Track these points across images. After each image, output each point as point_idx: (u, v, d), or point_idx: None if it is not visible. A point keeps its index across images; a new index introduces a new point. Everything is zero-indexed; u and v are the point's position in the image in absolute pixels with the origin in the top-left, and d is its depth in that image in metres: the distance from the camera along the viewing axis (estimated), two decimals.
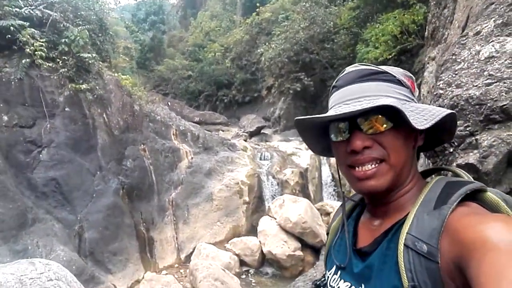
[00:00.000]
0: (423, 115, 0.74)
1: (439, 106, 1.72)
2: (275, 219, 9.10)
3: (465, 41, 1.81)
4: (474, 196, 0.72)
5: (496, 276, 0.52)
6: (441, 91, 1.67)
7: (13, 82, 7.25)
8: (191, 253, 8.78)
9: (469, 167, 1.50)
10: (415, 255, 0.67)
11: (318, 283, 0.99)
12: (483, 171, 1.47)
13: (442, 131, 0.83)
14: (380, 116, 0.75)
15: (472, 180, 0.79)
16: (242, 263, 8.64)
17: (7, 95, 7.18)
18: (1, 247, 5.92)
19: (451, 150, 1.56)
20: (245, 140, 14.94)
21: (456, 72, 1.70)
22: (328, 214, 9.64)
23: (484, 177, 1.48)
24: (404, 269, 0.67)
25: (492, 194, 0.72)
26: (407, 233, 0.70)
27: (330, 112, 0.80)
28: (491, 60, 1.59)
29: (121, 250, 7.79)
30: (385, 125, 0.76)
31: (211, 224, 9.80)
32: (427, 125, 0.71)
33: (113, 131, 8.90)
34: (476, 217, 0.65)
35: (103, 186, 8.07)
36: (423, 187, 0.78)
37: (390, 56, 14.14)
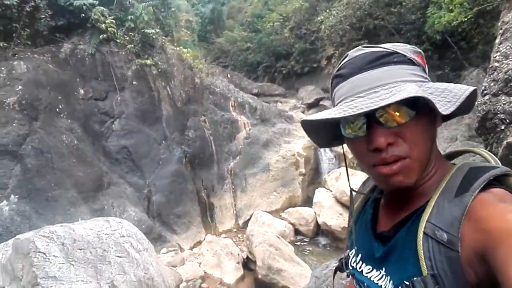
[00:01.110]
0: (444, 97, 0.68)
1: (493, 80, 1.60)
2: (331, 191, 9.09)
3: None
4: (499, 181, 0.68)
5: None
6: (496, 64, 1.55)
7: (87, 58, 7.95)
8: (248, 219, 9.17)
9: None
10: (434, 243, 0.66)
11: (344, 260, 0.98)
12: None
13: (460, 107, 0.75)
14: (400, 106, 0.68)
15: (499, 164, 0.74)
16: (297, 232, 8.85)
17: (82, 70, 7.91)
18: (82, 206, 6.73)
19: (503, 127, 1.46)
20: (303, 112, 14.82)
21: None
22: None
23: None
24: (423, 257, 0.66)
25: None
26: (427, 221, 0.68)
27: (343, 108, 0.69)
28: None
29: (184, 214, 8.42)
30: (408, 116, 0.70)
31: (268, 194, 10.10)
32: (452, 109, 0.66)
33: (176, 103, 9.41)
34: (502, 205, 0.62)
35: (168, 155, 8.67)
36: (446, 173, 0.75)
37: (466, 19, 12.79)
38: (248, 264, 7.31)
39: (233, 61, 23.36)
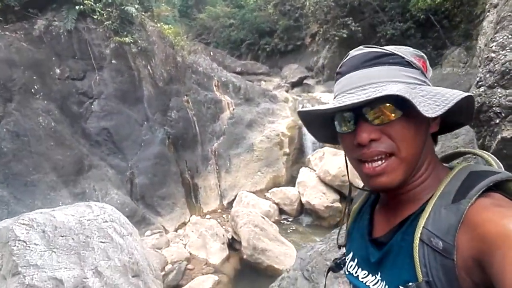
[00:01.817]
0: (435, 101, 0.68)
1: (489, 71, 1.56)
2: (315, 171, 9.19)
3: None
4: (499, 186, 0.67)
5: None
6: (493, 55, 1.51)
7: (62, 36, 7.58)
8: (233, 200, 9.22)
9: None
10: (430, 250, 0.65)
11: (338, 261, 0.99)
12: None
13: (459, 114, 0.76)
14: (388, 104, 0.69)
15: (501, 168, 0.74)
16: (281, 211, 8.97)
17: (58, 49, 7.56)
18: (62, 190, 6.59)
19: (497, 121, 1.45)
20: (287, 91, 14.72)
21: None
22: None
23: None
24: (419, 264, 0.66)
25: None
26: (423, 227, 0.68)
27: (334, 103, 0.73)
28: None
29: (168, 195, 8.38)
30: (393, 114, 0.70)
31: (252, 174, 10.13)
32: (439, 112, 0.65)
33: (158, 83, 9.17)
34: (498, 209, 0.61)
35: (150, 136, 8.51)
36: (444, 177, 0.73)
37: None
38: (233, 244, 7.39)
39: (215, 38, 22.79)
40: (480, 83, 1.54)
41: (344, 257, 0.97)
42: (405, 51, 0.76)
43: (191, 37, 17.87)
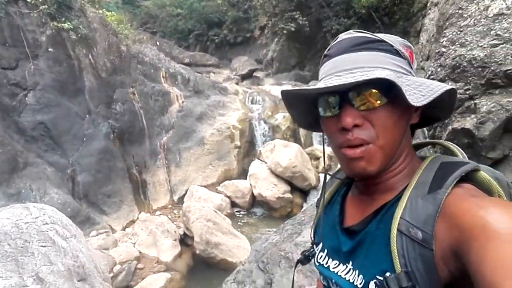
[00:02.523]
0: (420, 91, 0.68)
1: (440, 65, 1.64)
2: (266, 163, 9.28)
3: None
4: (467, 175, 0.69)
5: (504, 266, 0.50)
6: (443, 49, 1.59)
7: None
8: (184, 195, 9.03)
9: (464, 132, 1.48)
10: (408, 241, 0.65)
11: (307, 253, 0.98)
12: (479, 137, 1.45)
13: (439, 108, 0.77)
14: (374, 90, 0.69)
15: (466, 158, 0.76)
16: (233, 204, 8.96)
17: None
18: None
19: None
20: (237, 84, 14.66)
21: (461, 29, 1.61)
22: (317, 158, 9.83)
23: (479, 143, 1.47)
24: (397, 254, 0.66)
25: (484, 173, 0.69)
26: (400, 217, 0.67)
27: (319, 84, 0.72)
28: (499, 17, 1.49)
29: (115, 192, 7.97)
30: (379, 101, 0.69)
31: (203, 168, 9.98)
32: (424, 102, 0.65)
33: (100, 73, 8.62)
34: (474, 200, 0.62)
35: (93, 130, 8.00)
36: (417, 168, 0.75)
37: None
38: (185, 240, 7.25)
39: (162, 28, 21.96)
40: (432, 76, 1.62)
41: (312, 249, 0.97)
42: (394, 40, 0.75)
43: (136, 25, 17.06)
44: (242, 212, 8.90)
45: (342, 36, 0.78)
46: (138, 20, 20.93)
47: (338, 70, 0.72)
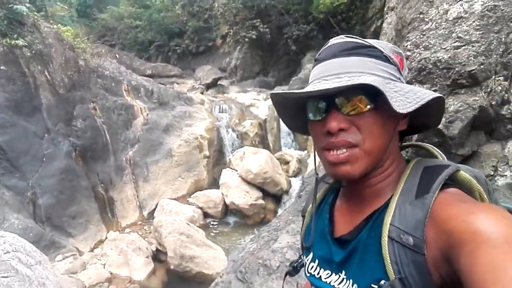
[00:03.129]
0: (407, 97, 0.68)
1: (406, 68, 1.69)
2: (236, 171, 9.24)
3: None
4: (450, 177, 0.70)
5: (494, 271, 0.51)
6: (408, 53, 1.64)
7: None
8: (154, 209, 8.80)
9: (435, 132, 1.52)
10: (400, 247, 0.65)
11: (295, 265, 0.96)
12: (449, 136, 1.50)
13: (428, 116, 0.78)
14: (361, 95, 0.69)
15: (445, 158, 0.78)
16: (206, 215, 8.83)
17: None
18: None
19: None
20: (202, 93, 14.55)
21: (424, 33, 1.67)
22: (287, 162, 9.93)
23: (449, 141, 1.52)
24: (390, 261, 0.65)
25: (464, 173, 0.71)
26: (390, 224, 0.68)
27: (308, 88, 0.73)
28: (459, 21, 1.56)
29: (80, 213, 7.61)
30: (365, 106, 0.70)
31: (172, 180, 9.78)
32: (410, 109, 0.66)
33: (58, 90, 8.25)
34: (462, 205, 0.63)
35: (53, 149, 7.63)
36: (402, 173, 0.75)
37: (346, 1, 13.99)
38: (158, 256, 7.05)
39: (121, 40, 21.44)
40: None
41: (301, 260, 0.95)
42: (384, 46, 0.75)
43: (93, 38, 16.52)
44: (215, 222, 8.78)
45: (333, 41, 0.78)
46: (95, 33, 20.32)
47: (326, 74, 0.72)
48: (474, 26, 1.57)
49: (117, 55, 16.45)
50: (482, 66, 1.58)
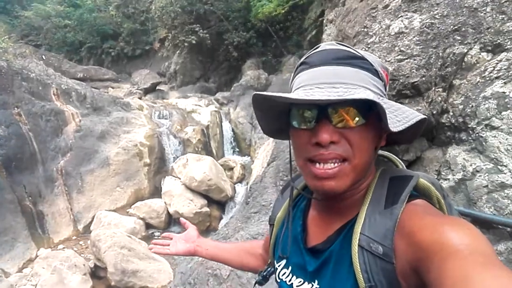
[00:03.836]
0: (396, 116, 0.68)
1: None
2: (180, 179, 9.00)
3: (375, 13, 1.90)
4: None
5: (462, 282, 0.51)
6: None
7: None
8: (90, 222, 8.23)
9: None
10: (370, 256, 0.66)
11: (264, 273, 0.96)
12: None
13: (406, 133, 0.75)
14: (353, 109, 0.68)
15: (404, 166, 0.83)
16: (148, 226, 8.47)
17: None
18: None
19: None
20: (140, 98, 13.98)
21: (369, 46, 1.79)
22: (231, 169, 9.92)
23: (396, 147, 1.64)
24: (360, 270, 0.66)
25: (423, 180, 0.75)
26: (360, 233, 0.68)
27: (299, 93, 0.70)
28: (400, 35, 1.70)
29: (5, 230, 6.84)
30: (356, 121, 0.68)
31: (110, 190, 9.21)
32: (400, 128, 0.65)
33: None
34: (430, 218, 0.64)
35: None
36: (370, 183, 0.77)
37: (283, 11, 14.45)
38: (97, 272, 6.58)
39: (47, 40, 19.79)
40: None
41: (269, 268, 0.95)
42: (374, 59, 0.74)
43: (15, 38, 14.98)
44: (158, 233, 8.44)
45: (324, 46, 0.76)
46: (17, 32, 18.45)
47: (320, 82, 0.70)
48: (414, 41, 1.72)
49: (43, 56, 15.18)
50: (423, 78, 1.74)
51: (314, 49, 0.77)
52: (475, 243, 0.56)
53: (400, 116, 0.68)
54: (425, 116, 0.72)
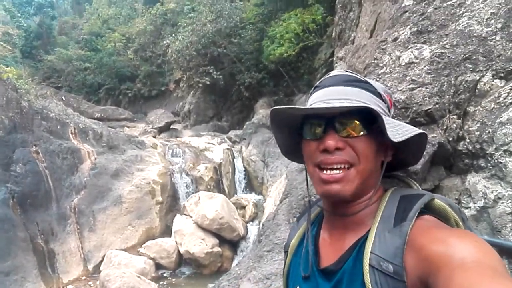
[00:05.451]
0: (397, 129, 0.75)
1: None
2: (191, 217, 8.90)
3: (384, 46, 1.93)
4: (426, 206, 0.74)
5: None
6: None
7: None
8: (100, 262, 8.10)
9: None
10: (381, 275, 0.67)
11: None
12: (412, 171, 1.59)
13: (410, 152, 0.85)
14: (357, 121, 0.75)
15: (420, 189, 0.84)
16: (158, 266, 8.28)
17: None
18: None
19: None
20: (154, 137, 14.25)
21: (380, 76, 1.81)
22: (243, 207, 9.79)
23: (413, 176, 1.60)
24: None
25: (439, 201, 0.75)
26: (371, 252, 0.70)
27: (309, 107, 0.78)
28: (411, 65, 1.71)
29: (15, 269, 6.79)
30: (359, 132, 0.75)
31: (122, 229, 9.15)
32: (400, 139, 0.72)
33: None
34: (438, 231, 0.66)
35: None
36: (380, 202, 0.79)
37: (294, 53, 14.91)
38: None
39: (68, 82, 20.74)
40: None
41: None
42: (378, 85, 0.84)
43: (38, 80, 15.79)
44: (168, 274, 8.23)
45: (334, 73, 0.85)
46: (40, 75, 19.49)
47: (328, 98, 0.78)
48: (425, 70, 1.74)
49: (63, 97, 15.82)
50: (437, 106, 1.73)
51: (326, 75, 0.86)
52: (483, 256, 0.58)
53: (401, 130, 0.75)
54: (424, 131, 0.79)
